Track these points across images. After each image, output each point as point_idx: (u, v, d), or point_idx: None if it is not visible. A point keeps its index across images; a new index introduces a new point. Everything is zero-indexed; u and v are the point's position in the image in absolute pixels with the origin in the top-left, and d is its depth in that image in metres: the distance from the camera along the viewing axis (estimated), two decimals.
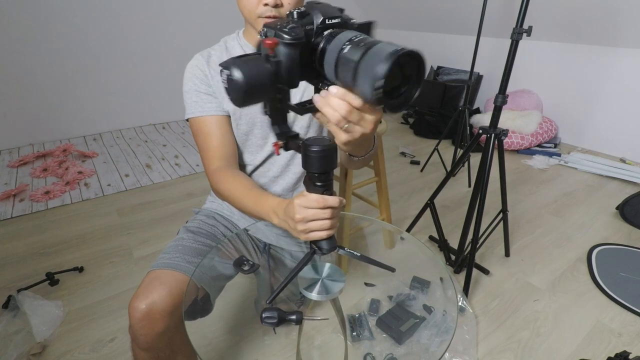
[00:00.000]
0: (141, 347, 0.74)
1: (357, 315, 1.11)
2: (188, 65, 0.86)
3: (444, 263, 1.58)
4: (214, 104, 0.84)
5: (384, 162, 1.51)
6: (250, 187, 0.75)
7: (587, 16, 2.54)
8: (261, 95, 0.46)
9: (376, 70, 0.36)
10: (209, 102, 0.83)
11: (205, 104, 0.83)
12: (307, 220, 0.54)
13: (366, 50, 0.38)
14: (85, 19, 2.83)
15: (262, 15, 0.74)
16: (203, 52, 0.87)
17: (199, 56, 0.86)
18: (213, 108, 0.84)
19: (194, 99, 0.84)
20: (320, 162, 0.50)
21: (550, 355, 1.20)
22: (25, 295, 1.34)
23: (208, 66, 0.84)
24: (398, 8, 3.84)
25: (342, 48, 0.41)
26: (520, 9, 1.16)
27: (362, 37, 0.41)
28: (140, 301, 0.71)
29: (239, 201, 0.75)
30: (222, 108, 0.85)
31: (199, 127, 0.84)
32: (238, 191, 0.75)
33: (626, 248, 1.72)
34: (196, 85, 0.83)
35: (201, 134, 0.84)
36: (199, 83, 0.83)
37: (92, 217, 1.96)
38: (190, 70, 0.85)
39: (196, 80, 0.84)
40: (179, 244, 0.85)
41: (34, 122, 2.85)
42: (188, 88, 0.84)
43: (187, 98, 0.85)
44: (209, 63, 0.85)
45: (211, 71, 0.84)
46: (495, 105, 1.27)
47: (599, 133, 2.83)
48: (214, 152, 0.83)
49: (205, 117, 0.83)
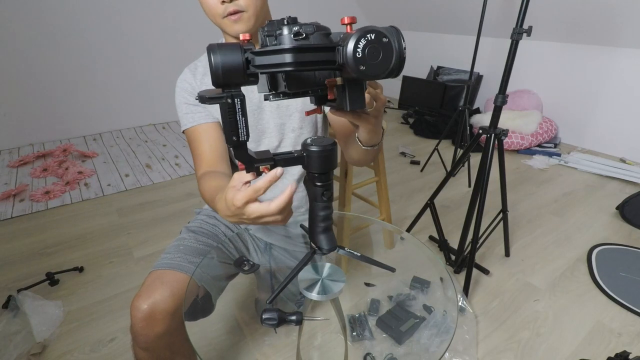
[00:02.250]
0: (142, 347, 0.74)
1: (357, 315, 1.11)
2: (177, 80, 0.89)
3: (444, 263, 1.58)
4: (203, 113, 0.86)
5: (384, 162, 1.51)
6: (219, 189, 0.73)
7: (587, 16, 2.54)
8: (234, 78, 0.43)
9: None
10: (197, 112, 0.86)
11: (195, 114, 0.86)
12: (238, 216, 0.52)
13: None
14: (85, 19, 2.83)
15: (224, 14, 0.73)
16: (190, 65, 0.90)
17: (186, 70, 0.89)
18: (202, 117, 0.86)
19: (185, 111, 0.87)
20: (320, 162, 0.50)
21: (550, 355, 1.20)
22: (25, 295, 1.34)
23: (194, 78, 0.88)
24: (398, 8, 3.84)
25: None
26: (520, 9, 1.16)
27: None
28: (143, 301, 0.71)
29: (211, 202, 0.73)
30: (211, 115, 0.87)
31: (191, 136, 0.87)
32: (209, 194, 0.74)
33: (626, 248, 1.72)
34: (185, 98, 0.87)
35: (193, 142, 0.87)
36: (187, 96, 0.87)
37: (92, 217, 1.96)
38: (179, 85, 0.88)
39: (184, 94, 0.87)
40: (180, 244, 0.85)
41: (34, 122, 2.85)
42: (178, 102, 0.88)
43: (179, 111, 0.88)
44: (195, 75, 0.88)
45: (197, 82, 0.87)
46: (495, 105, 1.27)
47: (599, 133, 2.83)
48: (202, 159, 0.85)
49: (196, 126, 0.86)
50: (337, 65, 0.41)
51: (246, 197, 0.50)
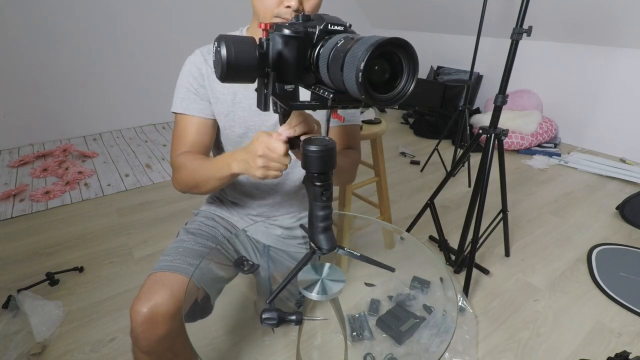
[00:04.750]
0: (143, 350, 0.73)
1: (357, 315, 1.11)
2: (187, 59, 0.85)
3: (444, 263, 1.58)
4: (199, 105, 0.84)
5: (384, 162, 1.51)
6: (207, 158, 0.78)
7: (587, 16, 2.54)
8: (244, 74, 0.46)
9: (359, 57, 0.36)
10: (195, 102, 0.84)
11: (190, 104, 0.84)
12: (268, 159, 0.57)
13: (356, 42, 0.39)
14: (85, 19, 2.83)
15: (280, 15, 0.72)
16: (203, 48, 0.86)
17: (198, 52, 0.85)
18: (197, 109, 0.84)
19: (182, 95, 0.84)
20: (320, 162, 0.50)
21: (550, 355, 1.20)
22: (25, 295, 1.34)
23: (206, 64, 0.84)
24: (398, 8, 3.84)
25: (337, 43, 0.42)
26: (520, 9, 1.16)
27: (359, 35, 0.42)
28: (143, 304, 0.70)
29: (197, 170, 0.75)
30: (208, 111, 0.84)
31: (179, 122, 0.86)
32: (196, 163, 0.76)
33: (626, 248, 1.72)
34: (188, 83, 0.84)
35: (178, 128, 0.85)
36: (192, 81, 0.83)
37: (92, 217, 1.96)
38: (187, 66, 0.85)
39: (190, 78, 0.84)
40: (179, 245, 0.84)
41: (34, 122, 2.85)
42: (180, 83, 0.85)
43: (177, 92, 0.85)
44: (207, 61, 0.84)
45: (208, 70, 0.83)
46: (495, 105, 1.27)
47: (599, 133, 2.82)
48: (183, 145, 0.84)
49: (188, 115, 0.84)
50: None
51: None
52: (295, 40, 0.46)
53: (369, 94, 0.39)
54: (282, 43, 0.46)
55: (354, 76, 0.37)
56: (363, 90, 0.38)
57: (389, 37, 0.38)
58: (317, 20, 0.48)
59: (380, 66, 0.40)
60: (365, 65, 0.36)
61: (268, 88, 0.49)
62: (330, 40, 0.44)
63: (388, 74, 0.41)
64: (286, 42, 0.46)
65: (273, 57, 0.46)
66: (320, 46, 0.46)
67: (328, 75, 0.44)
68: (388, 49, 0.38)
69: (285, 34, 0.45)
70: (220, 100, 0.84)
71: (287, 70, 0.47)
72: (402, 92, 0.42)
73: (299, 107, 0.49)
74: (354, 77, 0.37)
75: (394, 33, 4.19)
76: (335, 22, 0.47)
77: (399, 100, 0.42)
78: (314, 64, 0.47)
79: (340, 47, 0.41)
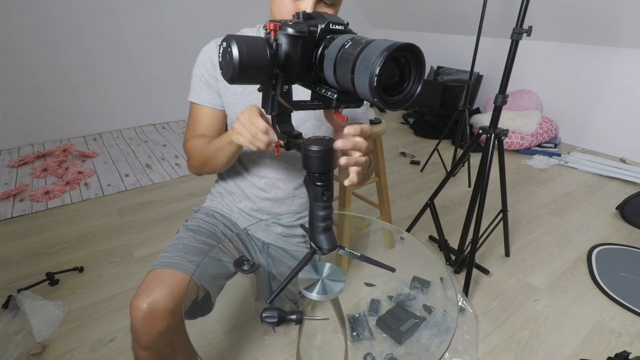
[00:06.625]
0: (142, 346, 0.74)
1: (357, 315, 1.11)
2: (202, 49, 0.88)
3: (444, 263, 1.58)
4: (209, 95, 0.87)
5: (384, 162, 1.51)
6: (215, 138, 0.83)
7: (587, 16, 2.54)
8: (254, 76, 0.46)
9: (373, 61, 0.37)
10: (205, 92, 0.87)
11: (201, 94, 0.87)
12: (241, 122, 0.61)
13: (366, 45, 0.39)
14: (85, 18, 2.83)
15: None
16: (219, 39, 0.87)
17: (213, 43, 0.87)
18: (207, 99, 0.87)
19: (195, 85, 0.88)
20: (320, 162, 0.50)
21: (550, 355, 1.20)
22: (25, 295, 1.34)
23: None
24: (398, 8, 3.84)
25: (344, 44, 0.42)
26: (520, 9, 1.16)
27: (364, 37, 0.42)
28: (142, 300, 0.71)
29: (205, 147, 0.80)
30: (218, 102, 0.87)
31: (193, 110, 0.90)
32: (203, 141, 0.82)
33: (626, 248, 1.72)
34: (201, 73, 0.86)
35: (192, 116, 0.90)
36: (204, 71, 0.86)
37: (92, 217, 1.96)
38: (202, 57, 0.87)
39: (202, 69, 0.86)
40: (179, 242, 0.84)
41: (34, 122, 2.85)
42: (194, 72, 0.88)
43: (192, 82, 0.89)
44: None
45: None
46: (495, 105, 1.27)
47: (599, 133, 2.83)
48: (195, 132, 0.89)
49: (199, 105, 0.88)
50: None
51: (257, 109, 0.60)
52: (300, 40, 0.46)
53: (381, 97, 0.39)
54: (287, 43, 0.46)
55: (367, 80, 0.38)
56: (376, 94, 0.38)
57: (401, 42, 0.38)
58: (318, 18, 0.48)
59: (391, 69, 0.40)
60: (380, 70, 0.37)
61: (276, 89, 0.49)
62: (336, 40, 0.44)
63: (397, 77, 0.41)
64: (291, 42, 0.46)
65: (282, 58, 0.46)
66: (323, 46, 0.46)
67: (334, 76, 0.44)
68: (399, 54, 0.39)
69: (289, 34, 0.45)
70: (230, 92, 0.86)
71: (291, 70, 0.47)
72: (409, 94, 0.42)
73: (302, 107, 0.49)
74: (367, 81, 0.38)
75: (394, 33, 4.20)
76: (335, 21, 0.47)
77: (407, 101, 0.42)
78: (316, 64, 0.47)
79: (348, 49, 0.41)
